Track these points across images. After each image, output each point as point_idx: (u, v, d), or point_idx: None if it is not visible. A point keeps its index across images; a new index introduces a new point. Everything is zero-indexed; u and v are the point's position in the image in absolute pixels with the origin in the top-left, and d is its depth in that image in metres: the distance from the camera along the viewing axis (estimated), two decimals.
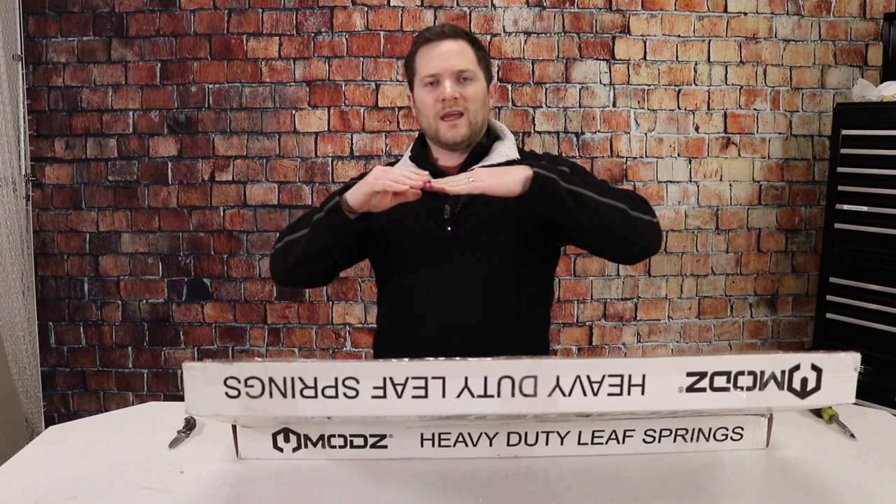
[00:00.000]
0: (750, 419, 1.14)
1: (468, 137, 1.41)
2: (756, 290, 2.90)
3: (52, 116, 2.72)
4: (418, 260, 1.43)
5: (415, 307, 1.44)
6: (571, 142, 2.78)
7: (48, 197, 2.75)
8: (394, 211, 1.41)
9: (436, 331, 1.41)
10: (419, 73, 1.42)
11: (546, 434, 1.12)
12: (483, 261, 1.40)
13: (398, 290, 1.48)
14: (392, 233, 1.44)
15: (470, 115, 1.40)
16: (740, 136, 2.82)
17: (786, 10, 2.78)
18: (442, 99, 1.38)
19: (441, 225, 1.41)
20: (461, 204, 1.41)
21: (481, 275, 1.40)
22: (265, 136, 2.74)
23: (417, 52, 1.43)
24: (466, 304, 1.40)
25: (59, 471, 1.10)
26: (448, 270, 1.40)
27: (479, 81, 1.41)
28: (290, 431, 1.12)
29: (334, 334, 2.82)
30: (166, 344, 2.81)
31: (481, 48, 1.45)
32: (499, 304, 1.41)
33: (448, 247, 1.41)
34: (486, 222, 1.40)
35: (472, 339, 1.38)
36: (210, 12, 2.69)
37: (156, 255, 2.78)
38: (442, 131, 1.40)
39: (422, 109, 1.43)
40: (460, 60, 1.39)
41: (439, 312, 1.41)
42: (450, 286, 1.40)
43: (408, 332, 1.46)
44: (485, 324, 1.40)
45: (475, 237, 1.40)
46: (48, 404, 2.74)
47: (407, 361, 0.94)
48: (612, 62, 2.76)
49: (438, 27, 1.44)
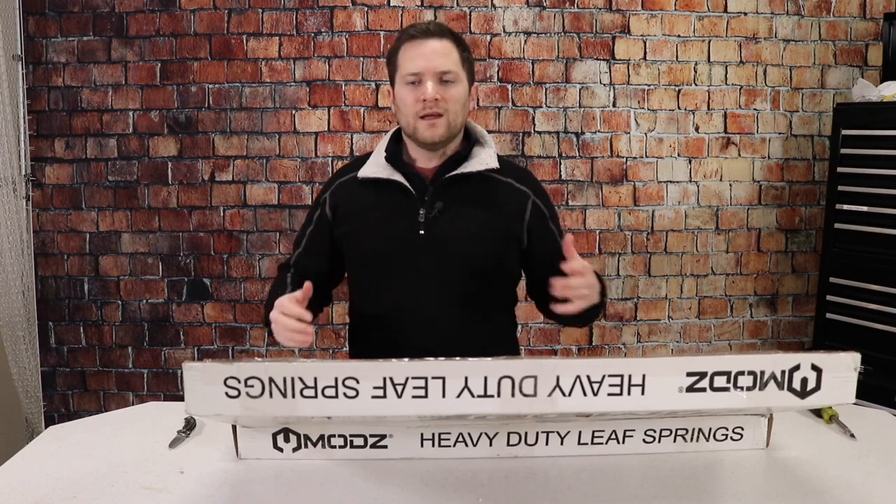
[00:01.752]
0: (750, 419, 1.14)
1: (445, 138, 1.41)
2: (756, 290, 2.90)
3: (52, 116, 2.72)
4: (389, 261, 1.43)
5: (384, 307, 1.45)
6: (571, 142, 2.78)
7: (48, 197, 2.75)
8: (366, 212, 1.44)
9: (404, 331, 1.42)
10: (401, 70, 1.40)
11: (546, 434, 1.12)
12: (453, 265, 1.41)
13: (368, 289, 1.49)
14: (364, 233, 1.45)
15: (449, 117, 1.38)
16: (740, 136, 2.82)
17: (786, 10, 2.78)
18: (423, 99, 1.36)
19: (414, 227, 1.41)
20: (437, 210, 1.41)
21: (450, 279, 1.41)
22: (265, 136, 2.74)
23: (401, 48, 1.41)
24: (435, 306, 1.41)
25: (59, 471, 1.10)
26: (418, 273, 1.41)
27: (461, 83, 1.40)
28: (290, 431, 1.12)
29: (334, 334, 2.82)
30: (166, 344, 2.81)
31: (466, 49, 1.43)
32: (466, 308, 1.42)
33: (419, 250, 1.41)
34: (459, 229, 1.41)
35: (439, 341, 1.38)
36: (210, 12, 2.69)
37: (156, 255, 2.78)
38: (420, 130, 1.39)
39: (401, 107, 1.42)
40: (444, 61, 1.37)
41: (407, 313, 1.42)
42: (419, 288, 1.41)
43: (377, 332, 1.47)
44: (451, 326, 1.41)
45: (447, 242, 1.40)
46: (48, 404, 2.74)
47: (407, 361, 0.94)
48: (612, 62, 2.76)
49: (424, 25, 1.41)
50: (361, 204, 1.45)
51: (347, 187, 1.49)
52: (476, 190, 1.43)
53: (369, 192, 1.45)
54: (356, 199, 1.46)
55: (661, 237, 2.83)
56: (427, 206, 1.41)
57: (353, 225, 1.46)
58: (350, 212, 1.46)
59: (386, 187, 1.43)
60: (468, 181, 1.42)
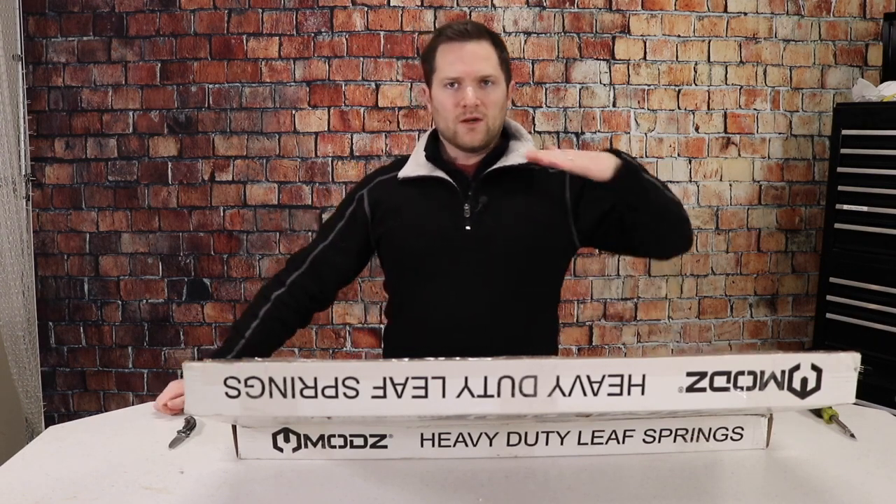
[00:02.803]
0: (750, 419, 1.14)
1: (485, 142, 1.40)
2: (756, 290, 2.89)
3: (52, 116, 2.72)
4: (433, 258, 1.42)
5: (427, 304, 1.43)
6: (571, 142, 2.78)
7: (48, 197, 2.75)
8: (409, 209, 1.43)
9: (447, 328, 1.40)
10: (439, 73, 1.38)
11: (546, 434, 1.12)
12: (499, 262, 1.40)
13: (411, 286, 1.47)
14: (408, 230, 1.44)
15: (489, 121, 1.38)
16: (740, 136, 2.82)
17: (786, 10, 2.78)
18: (463, 105, 1.35)
19: (459, 224, 1.40)
20: (482, 205, 1.40)
21: (496, 275, 1.40)
22: (265, 136, 2.74)
23: (438, 48, 1.39)
24: (479, 303, 1.39)
25: (59, 471, 1.10)
26: (463, 269, 1.40)
27: (500, 86, 1.39)
28: (290, 431, 1.12)
29: (334, 334, 2.82)
30: (166, 344, 2.81)
31: (504, 49, 1.42)
32: (511, 305, 1.41)
33: (465, 246, 1.40)
34: (505, 223, 1.40)
35: (482, 339, 1.37)
36: (210, 12, 2.69)
37: (156, 255, 2.78)
38: (460, 134, 1.38)
39: (440, 110, 1.40)
40: (484, 65, 1.36)
41: (452, 310, 1.40)
42: (464, 285, 1.40)
43: (418, 329, 1.45)
44: (496, 324, 1.39)
45: (493, 238, 1.40)
46: (48, 404, 2.74)
47: (407, 361, 0.94)
48: (612, 62, 2.76)
49: (462, 25, 1.38)
50: (404, 201, 1.45)
51: (388, 186, 1.48)
52: (518, 183, 1.42)
53: (411, 190, 1.44)
54: (398, 197, 1.45)
55: None
56: (471, 201, 1.40)
57: (395, 222, 1.44)
58: (392, 209, 1.45)
59: (428, 184, 1.43)
60: (509, 175, 1.42)
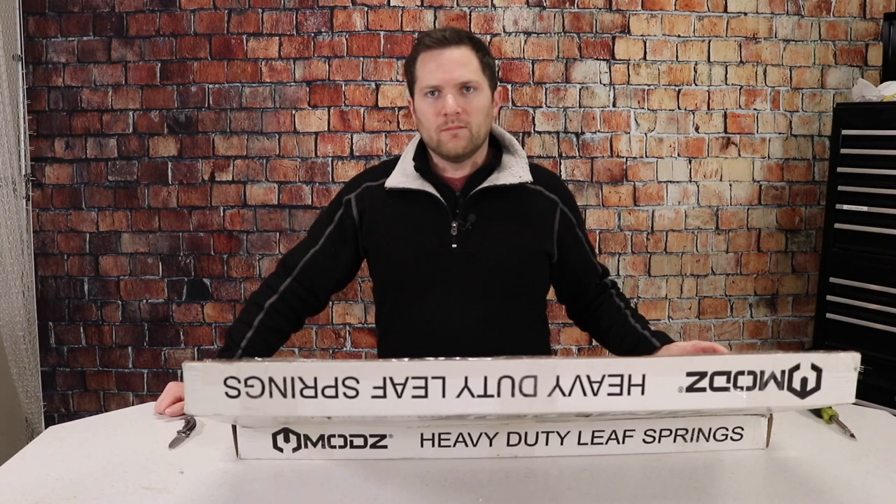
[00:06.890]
0: (750, 419, 1.14)
1: (469, 150, 1.38)
2: (756, 290, 2.89)
3: (52, 116, 2.72)
4: (419, 275, 1.40)
5: (415, 321, 1.42)
6: (571, 142, 2.78)
7: (48, 197, 2.75)
8: (396, 225, 1.41)
9: (435, 345, 1.38)
10: (420, 82, 1.36)
11: (546, 434, 1.12)
12: (484, 281, 1.39)
13: (396, 300, 1.46)
14: (394, 245, 1.42)
15: (472, 129, 1.35)
16: (740, 136, 2.82)
17: (786, 10, 2.78)
18: (444, 113, 1.33)
19: (445, 241, 1.39)
20: (469, 224, 1.39)
21: (481, 294, 1.39)
22: (265, 136, 2.74)
23: (418, 57, 1.36)
24: (464, 320, 1.39)
25: (59, 471, 1.10)
26: (449, 287, 1.39)
27: (482, 91, 1.36)
28: (290, 431, 1.11)
29: (334, 334, 2.82)
30: (166, 344, 2.81)
31: (486, 53, 1.38)
32: (496, 323, 1.40)
33: (450, 265, 1.38)
34: (491, 244, 1.39)
35: (471, 355, 1.37)
36: (210, 12, 2.69)
37: (156, 255, 2.78)
38: (443, 143, 1.36)
39: (422, 120, 1.38)
40: (464, 71, 1.33)
41: (436, 327, 1.40)
42: (449, 302, 1.39)
43: (408, 346, 1.44)
44: (481, 342, 1.39)
45: (479, 258, 1.38)
46: (48, 404, 2.74)
47: (407, 361, 0.94)
48: (612, 62, 2.76)
49: (440, 32, 1.35)
50: (391, 214, 1.42)
51: (376, 194, 1.45)
52: (508, 203, 1.41)
53: (398, 202, 1.42)
54: (385, 209, 1.43)
55: (660, 237, 2.83)
56: (459, 220, 1.39)
57: (381, 235, 1.43)
58: (378, 221, 1.43)
59: (415, 198, 1.40)
60: (500, 193, 1.40)
